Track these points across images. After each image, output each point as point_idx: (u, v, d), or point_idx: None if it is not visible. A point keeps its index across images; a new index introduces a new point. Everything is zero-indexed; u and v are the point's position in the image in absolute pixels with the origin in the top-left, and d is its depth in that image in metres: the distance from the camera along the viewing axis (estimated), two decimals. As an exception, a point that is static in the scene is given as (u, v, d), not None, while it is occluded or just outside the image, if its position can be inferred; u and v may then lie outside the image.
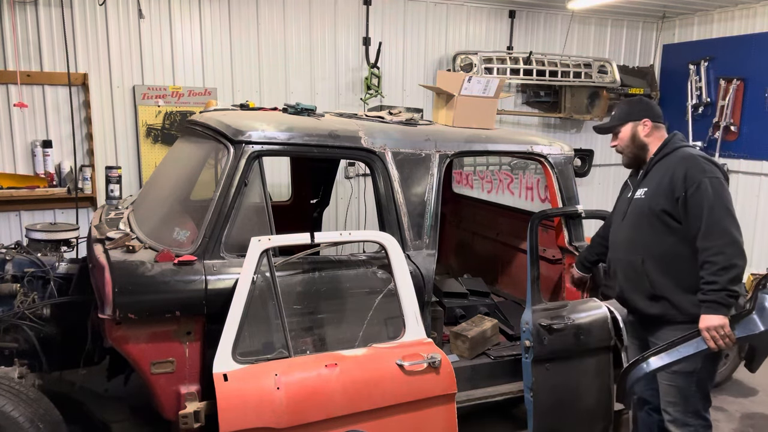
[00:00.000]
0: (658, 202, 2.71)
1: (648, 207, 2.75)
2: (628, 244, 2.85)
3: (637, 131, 2.88)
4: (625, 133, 2.90)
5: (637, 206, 2.83)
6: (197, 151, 3.34)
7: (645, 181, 2.84)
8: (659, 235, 2.72)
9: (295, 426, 2.40)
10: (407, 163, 3.12)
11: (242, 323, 2.49)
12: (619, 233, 2.93)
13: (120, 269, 2.51)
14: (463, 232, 5.16)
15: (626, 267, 2.86)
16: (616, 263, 2.95)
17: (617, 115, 2.96)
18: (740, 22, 6.67)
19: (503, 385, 3.39)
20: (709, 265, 2.55)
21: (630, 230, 2.85)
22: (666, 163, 2.77)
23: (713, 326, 2.53)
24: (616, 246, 2.96)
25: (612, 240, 3.02)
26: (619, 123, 2.92)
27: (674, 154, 2.77)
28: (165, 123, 5.44)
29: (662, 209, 2.70)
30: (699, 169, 2.62)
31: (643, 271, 2.76)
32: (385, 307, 2.85)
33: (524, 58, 6.64)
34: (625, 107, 2.96)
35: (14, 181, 4.93)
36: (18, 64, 4.91)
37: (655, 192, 2.74)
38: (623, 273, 2.89)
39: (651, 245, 2.74)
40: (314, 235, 2.69)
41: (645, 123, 2.87)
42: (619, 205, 3.03)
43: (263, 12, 5.71)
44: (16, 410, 2.45)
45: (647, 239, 2.76)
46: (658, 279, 2.72)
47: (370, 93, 6.13)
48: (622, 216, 2.93)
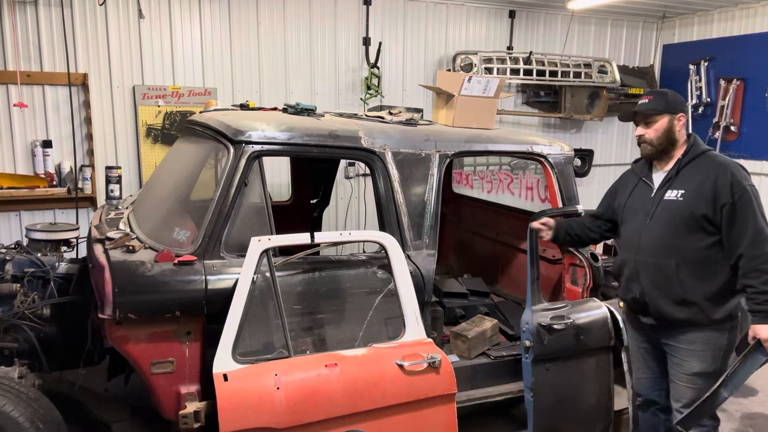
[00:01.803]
0: (699, 207, 2.61)
1: (689, 211, 2.63)
2: (658, 247, 2.72)
3: (674, 125, 2.74)
4: (661, 124, 2.73)
5: (671, 208, 2.69)
6: (197, 151, 3.34)
7: (677, 182, 2.72)
8: (696, 240, 2.64)
9: (295, 426, 2.40)
10: (407, 163, 3.12)
11: (242, 323, 2.49)
12: (644, 234, 2.77)
13: (120, 269, 2.51)
14: (463, 232, 5.16)
15: (655, 270, 2.73)
16: (639, 266, 2.78)
17: (654, 104, 2.75)
18: (740, 22, 6.67)
19: (503, 385, 3.39)
20: (759, 273, 2.50)
21: (662, 233, 2.71)
22: (700, 166, 2.69)
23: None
24: (639, 248, 2.78)
25: (631, 241, 2.84)
26: (657, 112, 2.73)
27: (707, 158, 2.70)
28: (165, 123, 5.44)
29: (703, 214, 2.61)
30: (742, 176, 2.60)
31: (675, 276, 2.67)
32: (385, 307, 2.85)
33: (524, 58, 6.64)
34: (662, 97, 2.76)
35: (14, 181, 4.93)
36: (18, 64, 4.91)
37: (696, 196, 2.63)
38: (650, 277, 2.75)
39: (686, 249, 2.65)
40: (314, 235, 2.69)
41: (681, 118, 2.75)
42: (637, 205, 2.86)
43: (263, 12, 5.71)
44: (16, 410, 2.45)
45: (683, 243, 2.66)
46: (692, 284, 2.65)
47: (370, 93, 6.13)
48: (646, 216, 2.78)
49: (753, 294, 2.52)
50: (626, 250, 2.87)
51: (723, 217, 2.58)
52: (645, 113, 2.75)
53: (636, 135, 2.83)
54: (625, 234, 2.91)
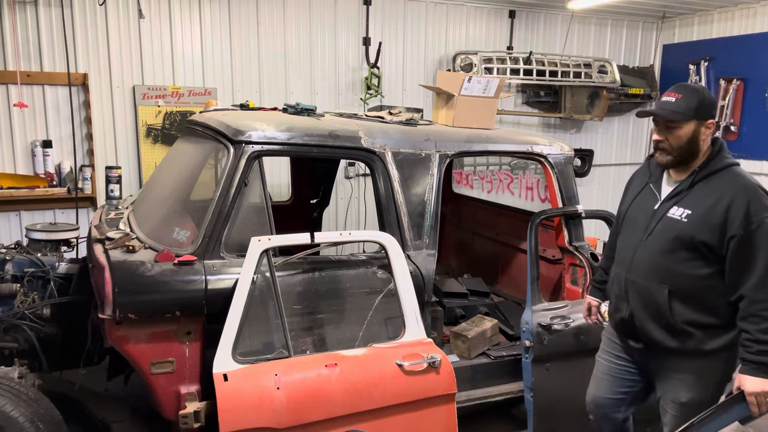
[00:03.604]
0: (702, 233, 2.26)
1: (690, 236, 2.29)
2: (651, 268, 2.40)
3: (700, 133, 2.31)
4: (686, 131, 2.30)
5: (671, 227, 2.34)
6: (197, 151, 3.34)
7: (686, 200, 2.34)
8: (694, 268, 2.31)
9: (295, 426, 2.40)
10: (407, 163, 3.12)
11: (242, 323, 2.49)
12: (639, 252, 2.45)
13: (120, 269, 2.51)
14: (463, 232, 5.16)
15: (644, 294, 2.42)
16: (629, 285, 2.48)
17: (681, 105, 2.31)
18: (740, 22, 6.67)
19: (503, 385, 3.40)
20: (759, 320, 2.19)
21: (657, 254, 2.38)
22: (716, 184, 2.30)
23: (763, 392, 2.17)
24: (631, 265, 2.47)
25: (624, 255, 2.54)
26: (683, 117, 2.30)
27: (726, 175, 2.31)
28: (165, 123, 5.44)
29: (704, 242, 2.27)
30: (761, 205, 2.21)
31: (666, 303, 2.35)
32: (385, 307, 2.85)
33: (524, 58, 6.64)
34: (693, 98, 2.32)
35: (14, 181, 4.93)
36: (18, 64, 4.91)
37: (703, 220, 2.27)
38: (640, 299, 2.45)
39: (682, 276, 2.33)
40: (314, 235, 2.69)
41: (710, 125, 2.33)
42: (638, 214, 2.52)
43: (263, 12, 5.71)
44: (16, 410, 2.45)
45: (679, 269, 2.33)
46: (683, 313, 2.35)
47: (370, 93, 6.13)
48: (644, 231, 2.44)
49: (747, 341, 2.22)
50: (619, 265, 2.57)
51: (729, 250, 2.24)
52: (663, 119, 2.34)
53: (654, 139, 2.41)
54: (620, 246, 2.61)
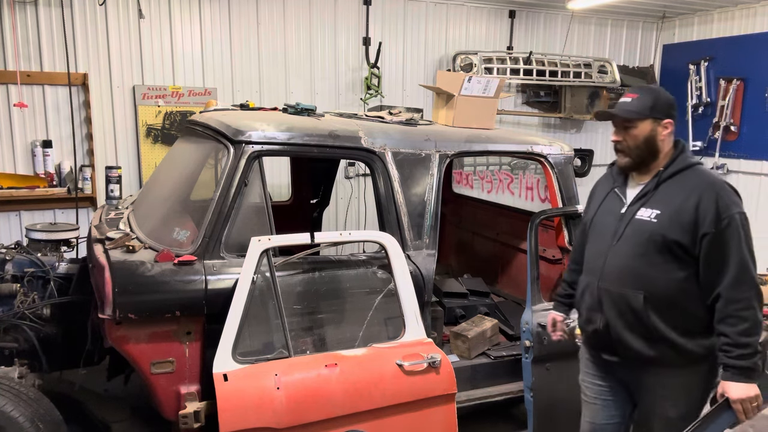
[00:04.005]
0: (674, 232, 2.19)
1: (661, 236, 2.21)
2: (624, 273, 2.30)
3: (657, 133, 2.27)
4: (641, 130, 2.27)
5: (642, 230, 2.26)
6: (197, 151, 3.34)
7: (653, 200, 2.28)
8: (669, 271, 2.22)
9: (295, 426, 2.40)
10: (407, 163, 3.12)
11: (242, 323, 2.49)
12: (609, 258, 2.34)
13: (120, 269, 2.51)
14: (463, 232, 5.16)
15: (619, 301, 2.31)
16: (602, 294, 2.35)
17: (637, 105, 2.28)
18: (740, 22, 6.67)
19: (503, 385, 3.40)
20: (737, 321, 2.10)
21: (629, 258, 2.29)
22: (682, 182, 2.25)
23: (748, 398, 2.08)
24: (603, 272, 2.36)
25: (595, 263, 2.41)
26: (637, 116, 2.27)
27: (693, 174, 2.26)
28: (165, 123, 5.44)
29: (676, 241, 2.19)
30: (730, 200, 2.18)
31: (643, 311, 2.25)
32: (385, 307, 2.85)
33: (524, 58, 6.64)
34: (648, 97, 2.29)
35: (14, 181, 4.93)
36: (18, 64, 4.91)
37: (673, 219, 2.20)
38: (615, 308, 2.33)
39: (656, 280, 2.24)
40: (314, 235, 2.69)
41: (667, 125, 2.28)
42: (605, 220, 2.42)
43: (263, 12, 5.71)
44: (16, 410, 2.45)
45: (653, 273, 2.24)
46: (660, 320, 2.24)
47: (370, 93, 6.13)
48: (613, 236, 2.35)
49: (726, 345, 2.12)
50: (589, 274, 2.44)
51: (703, 248, 2.16)
52: (618, 118, 2.32)
53: (612, 140, 2.39)
54: (589, 254, 2.48)
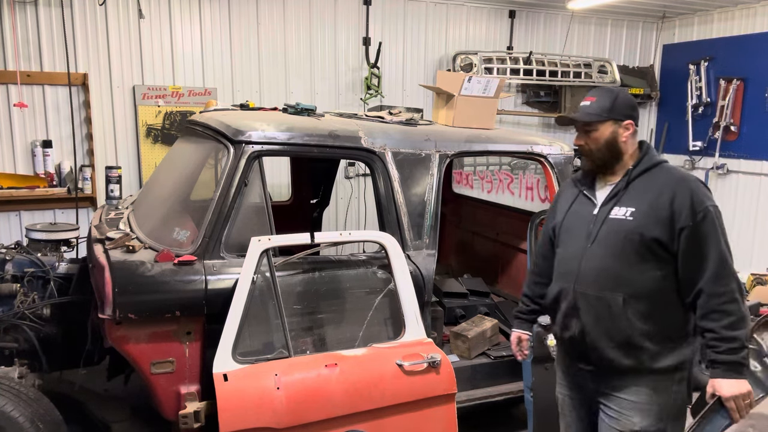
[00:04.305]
0: (652, 229, 2.13)
1: (639, 234, 2.14)
2: (601, 275, 2.21)
3: (618, 134, 2.24)
4: (602, 133, 2.24)
5: (619, 229, 2.19)
6: (197, 151, 3.34)
7: (626, 199, 2.22)
8: (648, 270, 2.15)
9: (295, 426, 2.40)
10: (407, 163, 3.12)
11: (242, 323, 2.49)
12: (585, 260, 2.25)
13: (120, 269, 2.51)
14: (463, 232, 5.16)
15: (597, 305, 2.21)
16: (579, 299, 2.25)
17: (595, 108, 2.26)
18: (740, 22, 6.67)
19: (503, 385, 3.40)
20: (721, 315, 2.04)
21: (606, 259, 2.20)
22: (653, 179, 2.21)
23: (741, 394, 2.04)
24: (578, 276, 2.25)
25: (568, 267, 2.31)
26: (597, 119, 2.24)
27: (661, 171, 2.23)
28: (165, 123, 5.44)
29: (654, 238, 2.13)
30: (703, 194, 2.13)
31: (622, 313, 2.16)
32: (385, 307, 2.85)
33: (524, 58, 6.64)
34: (606, 99, 2.26)
35: (14, 181, 4.93)
36: (18, 64, 4.91)
37: (649, 215, 2.14)
38: (593, 313, 2.22)
39: (635, 280, 2.16)
40: (314, 235, 2.69)
41: (628, 126, 2.25)
42: (576, 223, 2.33)
43: (263, 12, 5.71)
44: (16, 410, 2.45)
45: (632, 273, 2.16)
46: (641, 324, 2.16)
47: (370, 93, 6.13)
48: (587, 238, 2.26)
49: (713, 340, 2.05)
50: (563, 279, 2.33)
51: (680, 244, 2.11)
52: (579, 123, 2.28)
53: (574, 144, 2.37)
54: (561, 259, 2.37)
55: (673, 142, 7.38)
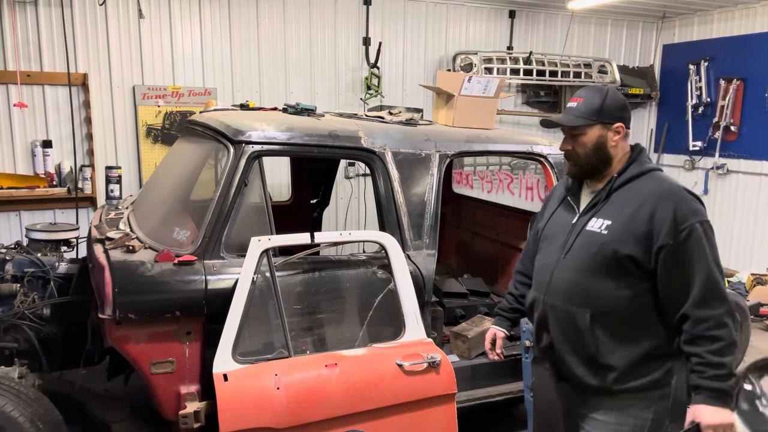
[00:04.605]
0: (625, 245, 1.97)
1: (612, 249, 1.98)
2: (570, 289, 2.08)
3: (607, 139, 2.07)
4: (590, 137, 2.07)
5: (591, 242, 2.04)
6: (197, 151, 3.34)
7: (604, 210, 2.07)
8: (619, 288, 2.00)
9: (295, 426, 2.40)
10: (407, 163, 3.12)
11: (242, 323, 2.49)
12: (556, 271, 2.13)
13: (120, 269, 2.51)
14: (463, 232, 5.16)
15: (564, 319, 2.10)
16: (547, 309, 2.15)
17: (582, 110, 2.08)
18: (740, 22, 6.67)
19: (503, 385, 3.39)
20: (709, 342, 1.88)
21: (577, 273, 2.07)
22: (636, 190, 2.04)
23: (722, 424, 1.87)
24: (549, 287, 2.15)
25: (542, 276, 2.20)
26: (585, 123, 2.07)
27: (647, 181, 2.05)
28: (165, 123, 5.44)
29: (628, 255, 1.96)
30: (689, 209, 1.94)
31: (588, 331, 2.03)
32: (385, 307, 2.85)
33: (524, 58, 6.64)
34: (594, 99, 2.08)
35: (14, 181, 4.94)
36: (18, 64, 4.91)
37: (624, 230, 1.98)
38: (560, 327, 2.12)
39: (604, 297, 2.01)
40: (314, 235, 2.69)
41: (618, 129, 2.08)
42: (556, 231, 2.21)
43: (263, 12, 5.71)
44: (16, 410, 2.45)
45: (601, 289, 2.02)
46: (609, 343, 2.02)
47: (370, 93, 6.13)
48: (562, 248, 2.13)
49: (699, 365, 1.89)
50: (536, 288, 2.24)
51: (660, 263, 1.94)
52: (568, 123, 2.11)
53: (560, 149, 2.19)
54: (538, 267, 2.27)
55: (673, 142, 7.38)
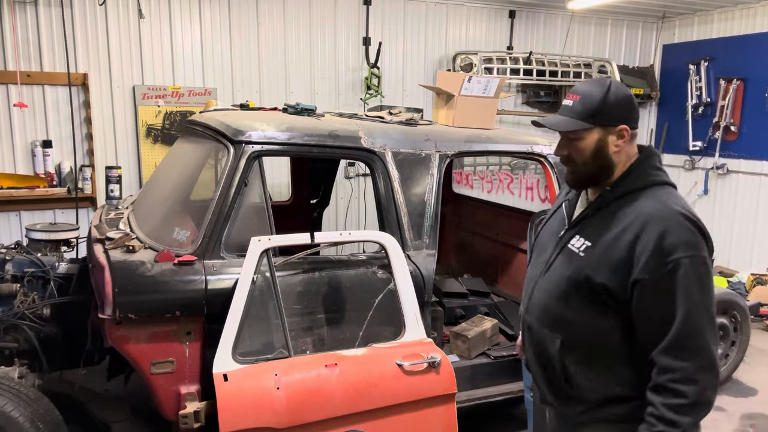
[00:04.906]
0: (600, 272, 1.72)
1: (584, 275, 1.74)
2: (543, 311, 1.88)
3: (607, 143, 1.77)
4: (587, 143, 1.78)
5: (568, 262, 1.82)
6: (197, 151, 3.34)
7: (589, 227, 1.81)
8: (593, 316, 1.76)
9: (295, 426, 2.40)
10: (407, 163, 3.12)
11: (242, 323, 2.49)
12: (536, 288, 1.93)
13: (120, 269, 2.51)
14: (463, 232, 5.16)
15: (537, 342, 1.91)
16: (524, 326, 1.98)
17: (579, 110, 1.78)
18: (740, 22, 6.67)
19: (503, 385, 3.39)
20: (670, 395, 1.61)
21: (551, 295, 1.86)
22: (627, 208, 1.74)
23: None
24: (529, 303, 1.96)
25: (526, 289, 2.00)
26: (579, 126, 1.77)
27: (644, 197, 1.74)
28: (165, 123, 5.44)
29: (602, 284, 1.71)
30: (680, 239, 1.62)
31: (558, 361, 1.83)
32: (385, 307, 2.85)
33: (524, 58, 6.64)
34: (592, 98, 1.76)
35: (14, 181, 4.94)
36: (18, 64, 4.91)
37: (603, 255, 1.73)
38: (533, 348, 1.94)
39: (576, 326, 1.79)
40: (314, 235, 2.69)
41: (622, 131, 1.77)
42: (546, 241, 1.98)
43: (263, 12, 5.71)
44: (16, 410, 2.45)
45: (572, 317, 1.79)
46: (577, 374, 1.81)
47: (370, 93, 6.13)
48: (546, 262, 1.91)
49: (651, 416, 1.65)
50: (522, 301, 2.04)
51: (634, 299, 1.67)
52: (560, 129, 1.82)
53: (554, 154, 1.93)
54: (526, 279, 2.06)
55: (673, 142, 7.39)
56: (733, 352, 4.34)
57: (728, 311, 4.31)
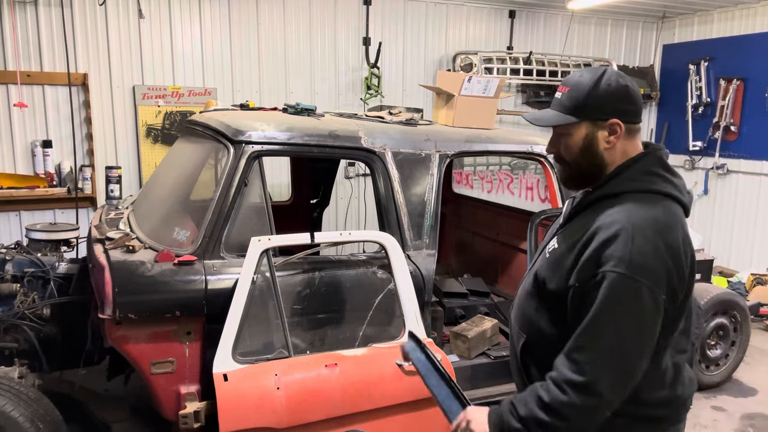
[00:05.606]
0: (553, 278, 1.62)
1: (542, 277, 1.67)
2: (518, 308, 1.82)
3: (597, 139, 1.61)
4: (575, 138, 1.63)
5: (540, 261, 1.73)
6: (197, 151, 3.34)
7: (566, 231, 1.69)
8: (548, 321, 1.67)
9: (295, 426, 2.40)
10: (407, 163, 3.12)
11: (242, 323, 2.49)
12: (522, 282, 1.87)
13: (120, 269, 2.51)
14: (463, 232, 5.16)
15: (511, 339, 1.87)
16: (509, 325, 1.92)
17: (566, 103, 1.63)
18: (740, 22, 6.68)
19: (503, 385, 3.39)
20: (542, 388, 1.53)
21: (523, 293, 1.80)
22: (598, 214, 1.58)
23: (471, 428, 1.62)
24: (516, 299, 1.88)
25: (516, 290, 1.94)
26: (566, 120, 1.63)
27: (619, 204, 1.56)
28: (165, 123, 5.44)
29: (552, 290, 1.62)
30: (628, 255, 1.45)
31: (521, 359, 1.77)
32: (385, 307, 2.85)
33: (524, 58, 6.64)
34: (581, 89, 1.61)
35: (14, 181, 4.94)
36: (18, 64, 4.91)
37: (559, 260, 1.62)
38: (510, 343, 1.88)
39: (534, 326, 1.72)
40: (314, 235, 2.69)
41: (614, 126, 1.60)
42: (547, 234, 1.92)
43: (263, 12, 5.71)
44: (16, 410, 2.45)
45: (535, 318, 1.72)
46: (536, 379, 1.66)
47: (370, 93, 6.13)
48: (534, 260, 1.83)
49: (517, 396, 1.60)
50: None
51: (568, 306, 1.58)
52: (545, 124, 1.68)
53: (545, 151, 1.80)
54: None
55: (673, 142, 7.39)
56: (733, 352, 4.35)
57: (728, 311, 4.32)
